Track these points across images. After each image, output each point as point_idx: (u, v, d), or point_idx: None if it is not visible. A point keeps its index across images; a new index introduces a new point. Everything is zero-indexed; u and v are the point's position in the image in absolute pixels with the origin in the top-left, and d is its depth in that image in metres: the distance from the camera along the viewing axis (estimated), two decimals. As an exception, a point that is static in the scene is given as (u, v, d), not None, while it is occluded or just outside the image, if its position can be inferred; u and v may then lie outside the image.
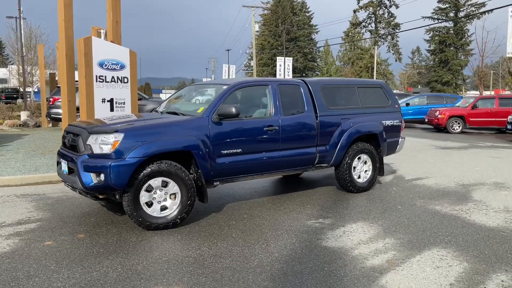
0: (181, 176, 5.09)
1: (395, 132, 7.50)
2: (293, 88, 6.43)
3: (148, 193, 5.02)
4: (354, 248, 4.53)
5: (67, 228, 5.15)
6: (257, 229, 5.13)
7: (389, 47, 65.15)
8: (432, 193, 6.99)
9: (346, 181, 6.81)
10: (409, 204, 6.31)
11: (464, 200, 6.55)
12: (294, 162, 6.24)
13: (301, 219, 5.54)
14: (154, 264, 4.08)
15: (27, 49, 27.83)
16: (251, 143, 5.76)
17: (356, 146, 6.85)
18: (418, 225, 5.32)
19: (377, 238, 4.85)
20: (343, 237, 4.88)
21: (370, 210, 5.98)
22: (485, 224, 5.37)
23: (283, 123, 6.04)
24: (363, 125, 6.93)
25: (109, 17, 10.44)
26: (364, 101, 7.19)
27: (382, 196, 6.76)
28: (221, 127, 5.51)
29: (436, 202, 6.41)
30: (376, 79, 8.03)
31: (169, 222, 5.08)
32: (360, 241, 4.75)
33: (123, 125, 5.16)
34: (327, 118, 6.56)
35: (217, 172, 5.50)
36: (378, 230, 5.11)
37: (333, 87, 7.00)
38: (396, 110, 7.56)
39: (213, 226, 5.23)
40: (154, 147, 4.94)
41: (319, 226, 5.26)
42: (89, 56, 9.42)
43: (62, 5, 9.45)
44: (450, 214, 5.79)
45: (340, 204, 6.27)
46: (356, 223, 5.37)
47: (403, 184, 7.70)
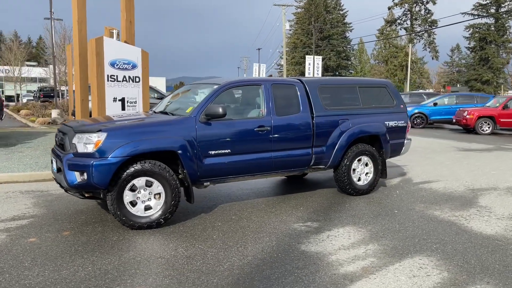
0: (165, 176, 5.09)
1: (400, 134, 7.24)
2: (288, 88, 6.32)
3: (132, 192, 5.04)
4: (333, 253, 4.40)
5: (56, 225, 5.25)
6: (240, 231, 5.07)
7: (425, 45, 63.33)
8: (436, 197, 6.71)
9: (345, 183, 6.64)
10: (407, 208, 6.07)
11: (468, 205, 6.25)
12: (287, 163, 6.13)
13: (289, 221, 5.44)
14: (125, 264, 4.09)
15: (62, 49, 28.75)
16: (240, 144, 5.69)
17: (356, 147, 6.66)
18: (409, 231, 5.11)
19: (361, 243, 4.68)
20: (326, 241, 4.74)
21: (363, 214, 5.80)
22: (481, 231, 5.09)
23: (276, 124, 5.94)
24: (364, 126, 6.72)
25: (123, 17, 10.62)
26: (366, 101, 6.98)
27: (381, 200, 6.55)
28: (209, 127, 5.47)
29: (436, 207, 6.15)
30: (381, 79, 7.76)
31: (153, 222, 5.09)
32: (342, 246, 4.60)
33: (108, 125, 5.21)
34: (324, 119, 6.40)
35: (204, 172, 5.47)
36: (364, 235, 4.94)
37: (332, 87, 6.83)
38: (401, 111, 7.30)
39: (197, 227, 5.20)
40: (136, 147, 4.95)
41: (304, 229, 5.14)
42: (100, 56, 9.60)
43: (75, 6, 9.67)
44: (448, 220, 5.53)
45: (334, 207, 6.11)
46: (344, 227, 5.22)
47: (409, 187, 7.43)
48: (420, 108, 20.58)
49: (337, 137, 6.47)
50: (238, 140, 5.67)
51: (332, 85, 6.85)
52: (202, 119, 5.44)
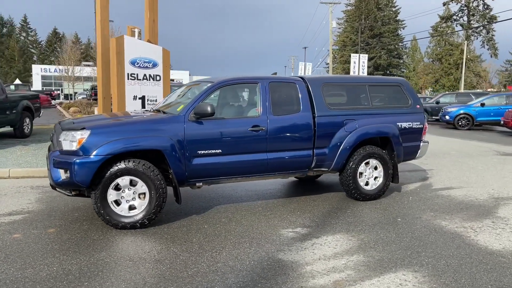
0: (149, 176, 4.98)
1: (415, 135, 6.75)
2: (288, 86, 6.03)
3: (117, 191, 4.98)
4: (310, 263, 4.10)
5: (46, 221, 5.28)
6: (223, 235, 4.87)
7: (484, 42, 60.02)
8: (451, 205, 6.19)
9: (350, 187, 6.26)
10: (413, 217, 5.63)
11: (483, 215, 5.70)
12: (284, 165, 5.86)
13: (278, 226, 5.17)
14: (91, 265, 4.01)
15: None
16: (232, 144, 5.49)
17: (364, 150, 6.27)
18: (404, 242, 4.70)
19: (345, 254, 4.35)
20: (308, 250, 4.44)
21: (362, 221, 5.43)
22: (488, 246, 4.60)
23: (272, 123, 5.68)
24: (371, 127, 6.31)
25: (146, 16, 10.70)
26: (376, 100, 6.56)
27: (388, 206, 6.12)
28: (198, 126, 5.31)
29: (447, 216, 5.65)
30: (396, 77, 7.27)
31: (137, 222, 5.00)
32: (323, 256, 4.29)
33: (94, 122, 5.18)
34: (327, 119, 6.07)
35: (193, 172, 5.32)
36: (352, 245, 4.59)
37: (337, 86, 6.47)
38: (416, 111, 6.80)
39: (182, 229, 5.06)
40: (119, 146, 4.88)
41: (291, 235, 4.86)
42: (121, 55, 9.71)
43: (99, 6, 9.84)
44: (453, 231, 5.06)
45: (334, 213, 5.77)
46: (334, 235, 4.89)
47: (425, 193, 6.92)
48: (466, 108, 19.42)
49: (341, 138, 6.11)
50: (229, 140, 5.48)
51: (338, 84, 6.50)
52: (191, 117, 5.29)
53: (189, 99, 5.92)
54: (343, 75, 6.72)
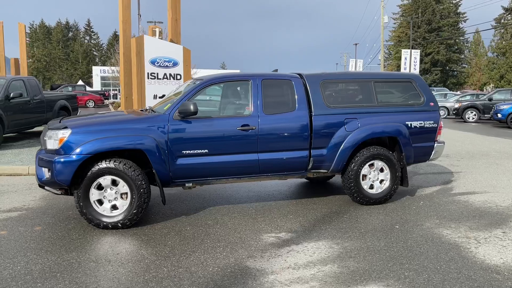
0: (130, 176, 4.91)
1: (427, 135, 6.23)
2: (282, 83, 5.76)
3: (99, 191, 4.96)
4: (276, 272, 3.84)
5: (37, 219, 5.37)
6: (201, 238, 4.71)
7: (554, 34, 55.58)
8: (464, 212, 5.65)
9: (352, 191, 5.89)
10: (414, 224, 5.18)
11: (496, 225, 5.14)
12: (278, 166, 5.59)
13: (262, 231, 4.93)
14: (56, 265, 3.99)
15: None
16: (220, 144, 5.31)
17: (367, 150, 5.86)
18: (391, 252, 4.31)
19: (319, 263, 4.04)
20: (281, 257, 4.18)
21: (355, 227, 5.06)
22: (485, 260, 4.11)
23: (263, 123, 5.44)
24: (375, 126, 5.89)
25: (169, 16, 10.76)
26: (382, 98, 6.12)
27: (393, 211, 5.68)
28: (183, 125, 5.18)
29: (453, 224, 5.15)
30: (408, 72, 6.74)
31: (118, 222, 4.95)
32: (294, 264, 4.01)
33: (78, 122, 5.19)
34: (325, 118, 5.73)
35: (178, 173, 5.20)
36: (332, 253, 4.27)
37: (338, 82, 6.10)
38: (430, 109, 6.27)
39: (163, 231, 4.96)
40: (99, 145, 4.85)
41: (271, 241, 4.61)
42: (141, 55, 9.82)
43: (121, 7, 10.00)
44: (453, 242, 4.58)
45: (329, 218, 5.43)
46: (317, 242, 4.58)
47: (441, 198, 6.38)
48: (520, 106, 17.97)
49: (341, 138, 5.75)
50: (217, 140, 5.30)
51: (339, 80, 6.12)
52: (176, 116, 5.18)
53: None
54: (346, 71, 6.36)
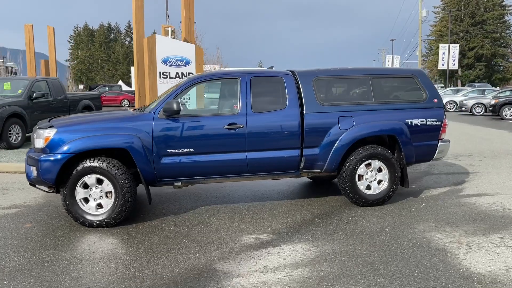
0: (114, 174, 4.92)
1: (430, 134, 5.91)
2: (272, 81, 5.61)
3: (84, 189, 5.00)
4: (243, 275, 3.73)
5: (31, 216, 5.47)
6: (180, 238, 4.65)
7: None
8: (465, 215, 5.32)
9: (347, 191, 5.67)
10: (406, 227, 4.91)
11: (496, 229, 4.80)
12: (267, 165, 5.46)
13: (244, 232, 4.82)
14: (29, 263, 4.03)
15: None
16: (206, 143, 5.24)
17: (364, 150, 5.63)
18: (372, 256, 4.10)
19: (290, 266, 3.89)
20: (254, 259, 4.05)
21: (342, 229, 4.86)
22: (470, 268, 3.83)
23: (251, 121, 5.32)
24: (371, 124, 5.64)
25: (182, 15, 10.80)
26: (380, 95, 5.85)
27: (389, 213, 5.42)
28: (168, 124, 5.14)
29: (449, 228, 4.85)
30: (410, 68, 6.43)
31: (102, 221, 4.97)
32: (264, 267, 3.88)
33: (65, 121, 5.25)
34: (318, 116, 5.54)
35: (163, 172, 5.16)
36: (307, 257, 4.10)
37: (333, 79, 5.88)
38: (433, 106, 5.94)
39: (146, 230, 4.94)
40: (82, 144, 4.88)
41: (250, 242, 4.50)
42: (153, 54, 9.91)
43: (134, 7, 10.12)
44: (442, 247, 4.31)
45: (318, 219, 5.24)
46: (297, 244, 4.42)
47: (446, 200, 6.04)
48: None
49: (335, 137, 5.54)
50: (202, 139, 5.23)
51: (334, 77, 5.89)
52: (160, 115, 5.15)
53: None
54: (343, 68, 6.09)
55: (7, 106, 10.59)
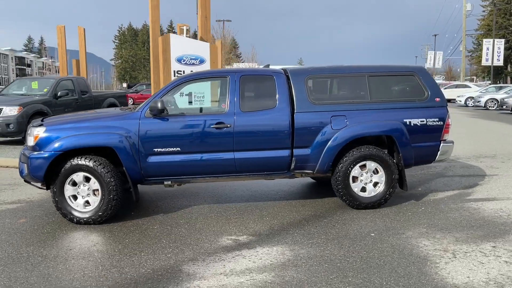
0: (100, 173, 4.99)
1: (431, 134, 5.62)
2: (263, 79, 5.50)
3: (73, 187, 5.10)
4: (205, 278, 3.66)
5: (29, 211, 5.63)
6: (159, 238, 4.65)
7: None
8: (463, 221, 5.02)
9: (340, 193, 5.49)
10: (394, 232, 4.69)
11: (491, 237, 4.50)
12: (256, 165, 5.36)
13: (225, 233, 4.76)
14: (6, 258, 4.14)
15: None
16: (193, 142, 5.21)
17: (358, 150, 5.43)
18: (344, 263, 3.93)
19: (256, 270, 3.79)
20: (223, 261, 3.98)
21: (325, 233, 4.70)
22: (445, 279, 3.60)
23: (239, 120, 5.24)
24: (366, 124, 5.42)
25: (199, 14, 10.85)
26: (377, 93, 5.61)
27: (382, 217, 5.20)
28: (154, 123, 5.15)
29: (439, 235, 4.59)
30: (410, 65, 6.12)
31: (89, 218, 5.05)
32: (230, 271, 3.80)
33: (55, 120, 5.36)
34: (309, 115, 5.39)
35: (149, 171, 5.18)
36: (277, 260, 3.99)
37: (327, 78, 5.70)
38: (435, 105, 5.65)
39: (131, 228, 4.97)
40: (69, 143, 4.97)
41: (226, 244, 4.43)
42: (167, 53, 10.00)
43: (150, 6, 10.25)
44: (424, 255, 4.08)
45: (305, 221, 5.10)
46: (273, 247, 4.31)
47: (448, 204, 5.73)
48: None
49: (326, 137, 5.37)
50: (189, 138, 5.21)
51: (327, 75, 5.71)
52: (147, 114, 5.16)
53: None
54: (338, 65, 5.87)
55: (33, 104, 11.01)
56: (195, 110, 5.70)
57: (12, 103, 10.74)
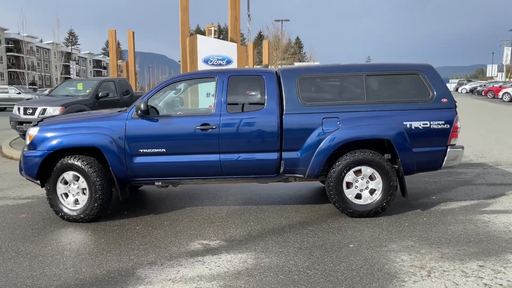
0: (87, 172, 5.09)
1: (436, 138, 5.14)
2: (252, 80, 5.32)
3: (65, 185, 5.25)
4: (152, 283, 3.59)
5: (32, 207, 5.88)
6: (133, 238, 4.64)
7: None
8: (462, 235, 4.53)
9: (333, 199, 5.18)
10: (376, 244, 4.33)
11: (482, 256, 4.01)
12: (242, 168, 5.20)
13: (199, 237, 4.65)
14: (-14, 251, 4.36)
15: (274, 48, 31.01)
16: (178, 143, 5.15)
17: (352, 155, 5.10)
18: (303, 275, 3.67)
19: (206, 278, 3.66)
20: (180, 267, 3.89)
21: (301, 241, 4.44)
22: (406, 299, 3.24)
23: (225, 122, 5.11)
24: (360, 126, 5.07)
25: (229, 14, 10.85)
26: (376, 94, 5.23)
27: (373, 227, 4.83)
28: (140, 124, 5.16)
29: (423, 250, 4.17)
30: (415, 62, 5.60)
31: (78, 216, 5.18)
32: (180, 277, 3.69)
33: (49, 120, 5.54)
34: (299, 117, 5.14)
35: (136, 171, 5.20)
36: (234, 269, 3.82)
37: (320, 77, 5.38)
38: (441, 107, 5.15)
39: (114, 227, 5.02)
40: (58, 142, 5.12)
41: (193, 248, 4.32)
42: (194, 54, 10.12)
43: (180, 9, 10.41)
44: (394, 271, 3.71)
45: (288, 228, 4.86)
46: (237, 254, 4.14)
47: (455, 215, 5.21)
48: None
49: (317, 140, 5.09)
50: (174, 139, 5.16)
51: (321, 75, 5.40)
52: (134, 115, 5.19)
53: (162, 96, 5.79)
54: (333, 64, 5.53)
55: (75, 104, 11.58)
56: (183, 111, 5.63)
57: (55, 104, 11.37)
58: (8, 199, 6.37)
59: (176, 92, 5.58)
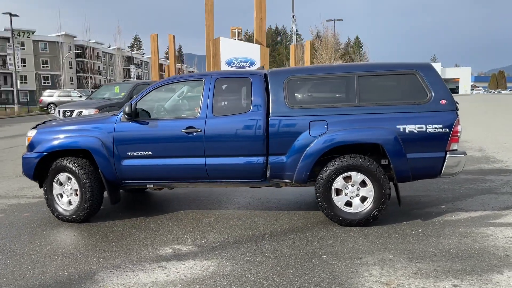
0: (77, 173, 5.21)
1: (433, 143, 4.74)
2: (239, 82, 5.20)
3: (60, 186, 5.42)
4: (104, 287, 3.59)
5: (38, 206, 6.14)
6: (113, 240, 4.68)
7: None
8: (451, 250, 4.14)
9: (321, 206, 4.94)
10: (352, 256, 4.05)
11: (461, 274, 3.62)
12: (228, 172, 5.09)
13: (174, 241, 4.61)
14: (-26, 248, 4.58)
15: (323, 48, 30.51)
16: (163, 146, 5.15)
17: (340, 160, 4.84)
18: (258, 286, 3.51)
19: (161, 284, 3.59)
20: (140, 271, 3.85)
21: (274, 250, 4.25)
22: (352, 318, 2.99)
23: (210, 125, 5.03)
24: (348, 131, 4.79)
25: (255, 15, 10.79)
26: (368, 95, 4.91)
27: (359, 236, 4.54)
28: (128, 127, 5.21)
29: (399, 264, 3.84)
30: (413, 62, 5.16)
31: (70, 216, 5.32)
32: (134, 282, 3.65)
33: (48, 123, 5.73)
34: (285, 120, 4.94)
35: (124, 174, 5.25)
36: (192, 276, 3.72)
37: (309, 79, 5.14)
38: (440, 109, 4.75)
39: (100, 229, 5.10)
40: (51, 145, 5.29)
41: (162, 253, 4.28)
42: (217, 56, 10.16)
43: (205, 11, 10.48)
44: (353, 287, 3.45)
45: (269, 235, 4.69)
46: (202, 261, 4.04)
47: (456, 228, 4.78)
48: None
49: (304, 144, 4.88)
50: (160, 142, 5.16)
51: (310, 77, 5.15)
52: (122, 118, 5.25)
53: (158, 97, 5.82)
54: (323, 65, 5.29)
55: (109, 107, 12.02)
56: (171, 114, 5.60)
57: (90, 106, 11.88)
58: (22, 198, 6.68)
59: (165, 95, 5.58)
